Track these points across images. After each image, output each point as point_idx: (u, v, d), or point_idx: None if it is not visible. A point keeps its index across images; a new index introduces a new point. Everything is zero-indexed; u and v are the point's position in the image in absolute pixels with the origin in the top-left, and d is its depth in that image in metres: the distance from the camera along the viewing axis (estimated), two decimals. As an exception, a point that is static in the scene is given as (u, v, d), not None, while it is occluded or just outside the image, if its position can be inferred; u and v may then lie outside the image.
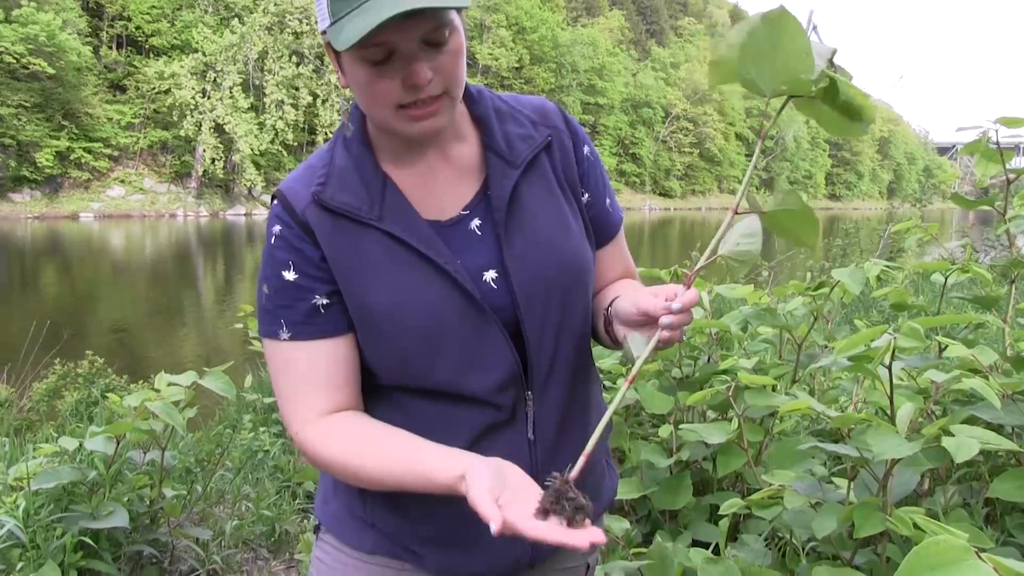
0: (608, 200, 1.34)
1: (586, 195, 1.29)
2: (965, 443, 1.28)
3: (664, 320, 1.03)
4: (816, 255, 10.33)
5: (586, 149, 1.30)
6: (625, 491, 2.45)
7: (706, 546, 2.49)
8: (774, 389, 2.65)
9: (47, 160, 38.54)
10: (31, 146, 38.49)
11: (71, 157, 39.91)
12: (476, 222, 1.20)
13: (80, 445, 2.75)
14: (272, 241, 1.18)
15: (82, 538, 2.61)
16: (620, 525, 1.78)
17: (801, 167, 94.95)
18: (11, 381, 5.63)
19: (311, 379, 1.16)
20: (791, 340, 2.70)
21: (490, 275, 1.18)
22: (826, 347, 2.93)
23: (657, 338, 1.03)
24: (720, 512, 1.74)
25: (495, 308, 1.17)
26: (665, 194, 76.02)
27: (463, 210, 1.21)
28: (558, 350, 1.21)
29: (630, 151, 74.04)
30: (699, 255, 6.86)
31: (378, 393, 1.22)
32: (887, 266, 2.35)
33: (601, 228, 1.33)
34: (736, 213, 1.00)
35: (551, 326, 1.20)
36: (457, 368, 1.16)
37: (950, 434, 1.40)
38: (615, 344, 1.23)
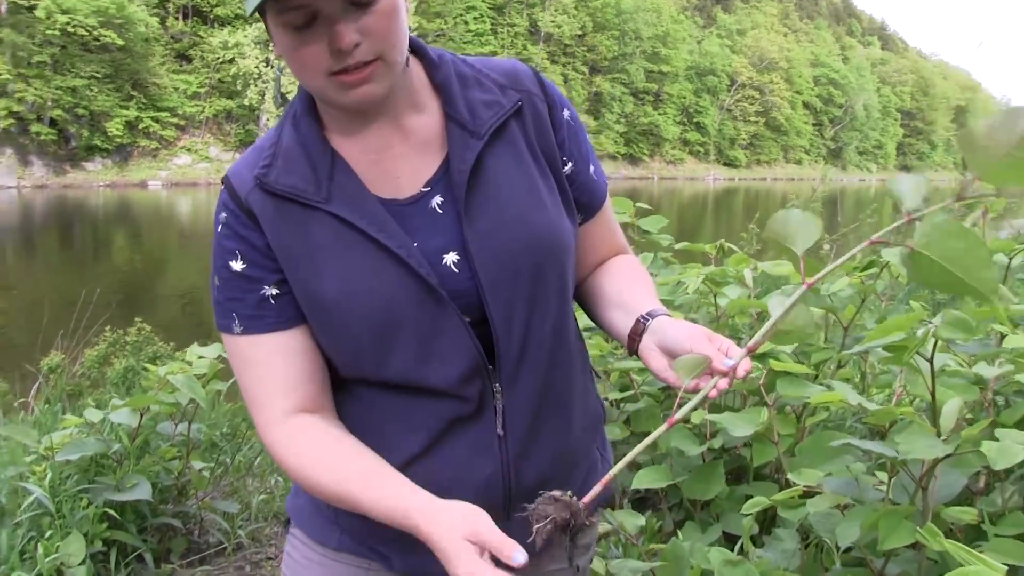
0: (592, 168, 1.22)
1: (569, 164, 1.18)
2: (1008, 449, 1.14)
3: (720, 380, 0.98)
4: (883, 225, 9.93)
5: (565, 113, 1.19)
6: (653, 479, 2.33)
7: (739, 539, 2.37)
8: (816, 377, 2.51)
9: (117, 130, 39.44)
10: (102, 116, 39.43)
11: (140, 127, 40.83)
12: (437, 200, 1.10)
13: (105, 417, 2.74)
14: (219, 230, 1.10)
15: (107, 510, 2.60)
16: (634, 522, 1.68)
17: (871, 136, 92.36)
18: (66, 346, 5.72)
19: (269, 376, 1.08)
20: (838, 322, 2.54)
21: (450, 258, 1.08)
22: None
23: (706, 394, 0.97)
24: (743, 511, 1.62)
25: (456, 294, 1.07)
26: (729, 164, 74.69)
27: (424, 187, 1.10)
28: (529, 337, 1.10)
29: (694, 120, 72.81)
30: (756, 229, 6.64)
31: (337, 384, 1.14)
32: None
33: (585, 199, 1.21)
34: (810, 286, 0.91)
35: (521, 312, 1.09)
36: (414, 360, 1.06)
37: (995, 437, 1.26)
38: (632, 351, 1.13)
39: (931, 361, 1.41)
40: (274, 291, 1.07)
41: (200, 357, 2.88)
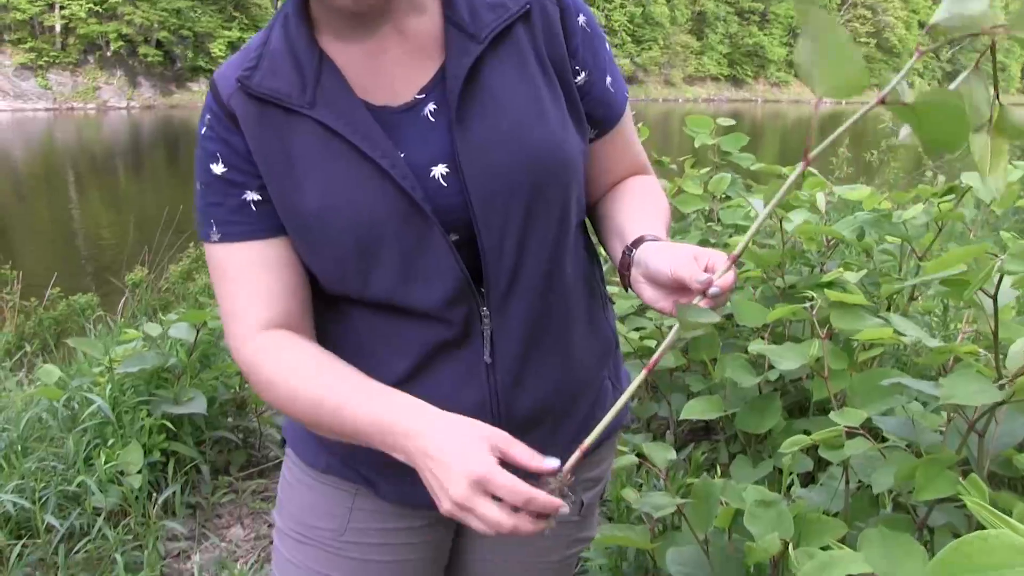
0: (609, 78, 1.10)
1: (582, 74, 1.07)
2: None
3: (712, 291, 0.88)
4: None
5: (581, 19, 1.07)
6: (703, 409, 2.24)
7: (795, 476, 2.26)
8: (888, 309, 2.35)
9: (220, 50, 40.23)
10: (206, 37, 40.22)
11: (242, 47, 41.39)
12: (431, 107, 1.00)
13: (164, 332, 2.79)
14: (202, 132, 1.03)
15: (164, 422, 2.66)
16: (664, 455, 1.59)
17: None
18: (152, 261, 5.89)
19: (247, 287, 1.02)
20: (913, 252, 2.36)
21: (439, 170, 0.99)
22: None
23: (674, 335, 0.87)
24: (781, 450, 1.52)
25: (443, 210, 0.98)
26: (834, 88, 71.25)
27: (418, 94, 1.01)
28: (523, 262, 1.01)
29: (799, 75, 69.47)
30: (848, 154, 6.31)
31: (321, 303, 1.07)
32: (1031, 170, 1.96)
33: (600, 114, 1.10)
34: (883, 103, 0.78)
35: (514, 234, 1.00)
36: (398, 279, 0.99)
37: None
38: (625, 286, 1.03)
39: (995, 298, 1.26)
40: (256, 197, 1.01)
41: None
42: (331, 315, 1.08)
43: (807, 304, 1.76)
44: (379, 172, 0.96)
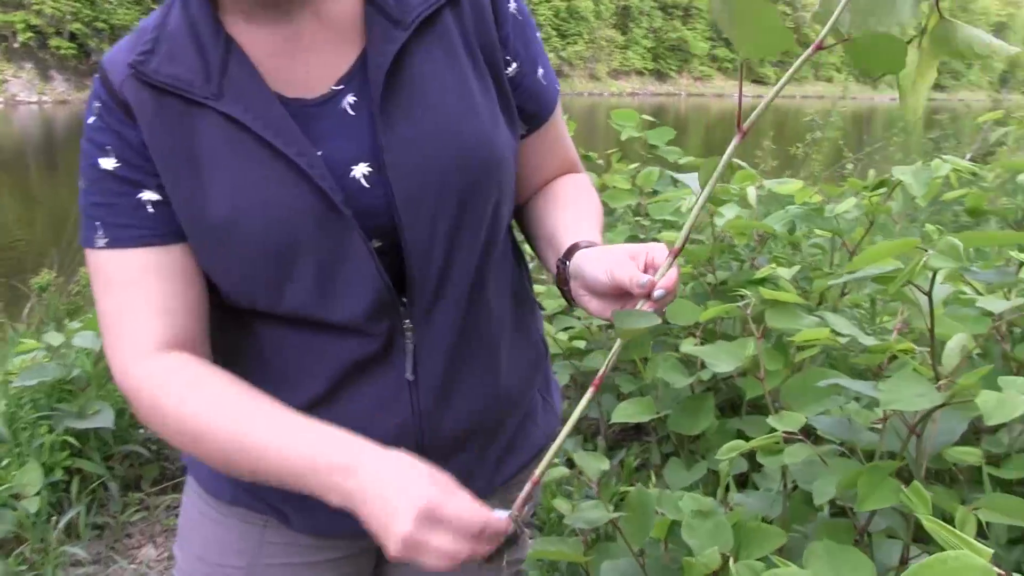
0: (541, 70, 1.02)
1: (513, 64, 0.98)
2: (1008, 402, 0.96)
3: (657, 293, 0.81)
4: (911, 145, 9.55)
5: (512, 5, 0.98)
6: (634, 412, 2.17)
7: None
8: (819, 304, 2.32)
9: (135, 43, 39.01)
10: (122, 30, 38.93)
11: (134, 28, 40.35)
12: (350, 99, 0.90)
13: (66, 341, 2.61)
14: (90, 121, 0.90)
15: (67, 438, 2.49)
16: (596, 465, 1.52)
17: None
18: (61, 264, 5.61)
19: (138, 300, 0.89)
20: (844, 246, 2.33)
21: (360, 170, 0.88)
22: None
23: (619, 347, 0.83)
24: (718, 456, 1.46)
25: (365, 213, 0.88)
26: (759, 81, 72.84)
27: (335, 85, 0.91)
28: (451, 269, 0.92)
29: (723, 35, 70.83)
30: (772, 146, 6.35)
31: (221, 311, 0.96)
32: (959, 165, 1.94)
33: (532, 107, 1.02)
34: (820, 48, 0.76)
35: (443, 238, 0.90)
36: (312, 292, 0.89)
37: (996, 386, 1.07)
38: (569, 301, 0.96)
39: (929, 294, 1.22)
40: (154, 197, 0.89)
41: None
42: (233, 330, 0.96)
43: (742, 303, 1.70)
44: (295, 172, 0.85)
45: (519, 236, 1.15)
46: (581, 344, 2.42)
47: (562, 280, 0.94)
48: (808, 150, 6.53)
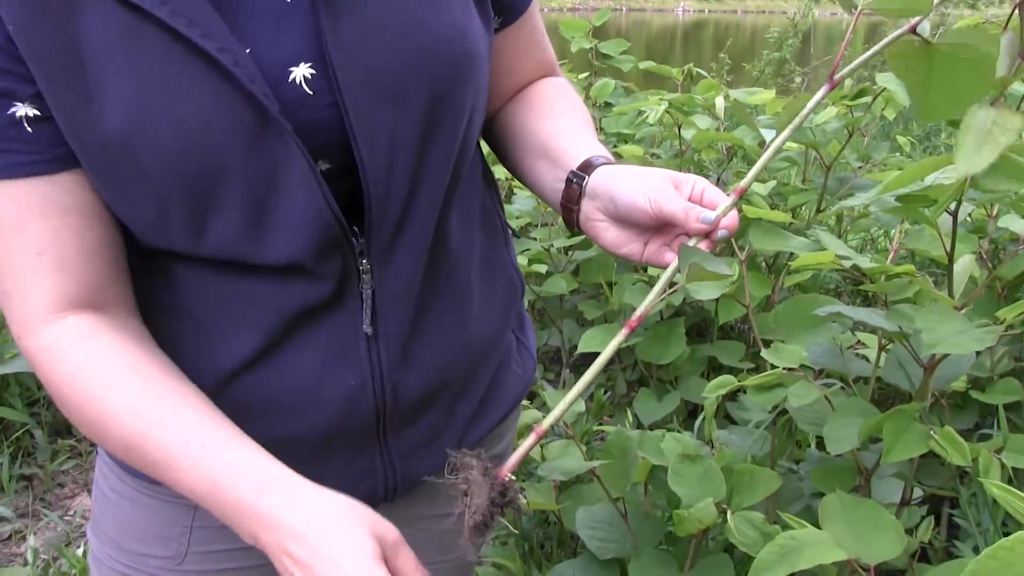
0: None
1: None
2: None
3: (721, 233, 0.72)
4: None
5: None
6: (602, 340, 2.04)
7: (701, 408, 2.12)
8: (791, 224, 2.19)
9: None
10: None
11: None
12: None
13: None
14: None
15: (-17, 383, 2.28)
16: (572, 408, 1.38)
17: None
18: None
19: (25, 249, 0.69)
20: (819, 160, 2.20)
21: (301, 72, 0.69)
22: (860, 168, 2.43)
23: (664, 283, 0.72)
24: (705, 393, 1.33)
25: (308, 126, 0.69)
26: (701, -6, 72.10)
27: None
28: (416, 195, 0.74)
29: (665, -53, 69.61)
30: (727, 58, 6.21)
31: (135, 253, 0.77)
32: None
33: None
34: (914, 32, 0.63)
35: (406, 156, 0.72)
36: (242, 228, 0.70)
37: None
38: (570, 224, 0.82)
39: (955, 215, 1.08)
40: (32, 111, 0.67)
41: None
42: (150, 276, 0.78)
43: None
44: (216, 73, 0.65)
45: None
46: (542, 268, 2.26)
47: (570, 198, 0.79)
48: (764, 66, 6.40)
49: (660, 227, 0.75)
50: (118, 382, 0.70)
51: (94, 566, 0.92)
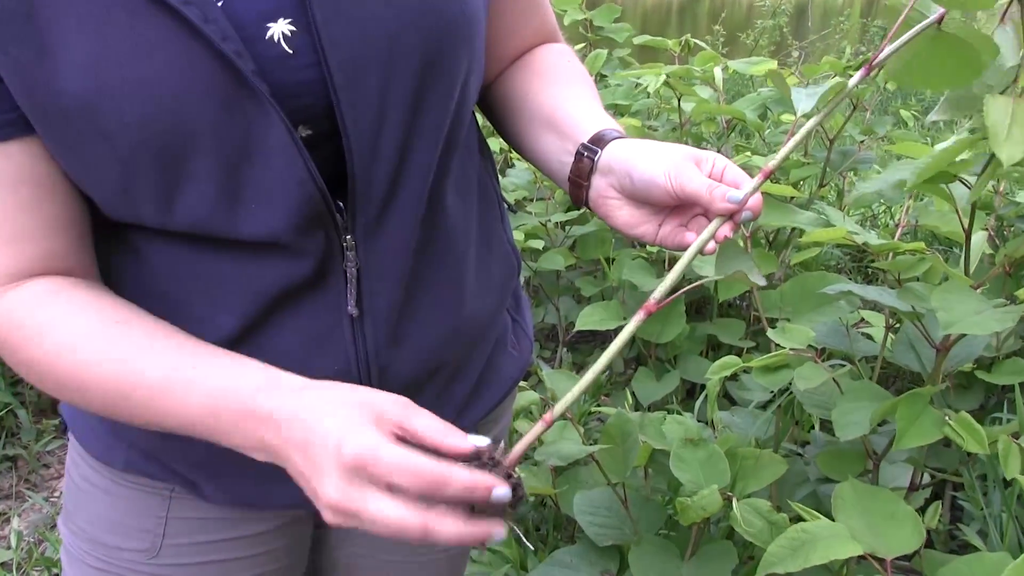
0: None
1: None
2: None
3: (745, 215, 0.68)
4: (854, 34, 9.36)
5: None
6: (600, 318, 1.99)
7: (700, 388, 2.07)
8: (793, 198, 2.14)
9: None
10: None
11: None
12: None
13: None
14: None
15: (-36, 362, 2.23)
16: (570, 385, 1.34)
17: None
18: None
19: None
20: (821, 132, 2.14)
21: (279, 28, 0.63)
22: (862, 143, 2.38)
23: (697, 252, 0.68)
24: (708, 375, 1.28)
25: (287, 89, 0.63)
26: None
27: None
28: (407, 166, 0.69)
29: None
30: (721, 30, 6.13)
31: (102, 228, 0.71)
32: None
33: None
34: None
35: (395, 123, 0.66)
36: (214, 200, 0.64)
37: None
38: (578, 201, 0.77)
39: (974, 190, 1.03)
40: None
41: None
42: (121, 256, 0.72)
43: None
44: (182, 30, 0.58)
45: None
46: (538, 244, 2.20)
47: (580, 174, 0.73)
48: (758, 37, 6.32)
49: (676, 207, 0.71)
50: (90, 331, 0.65)
51: (67, 561, 0.87)
